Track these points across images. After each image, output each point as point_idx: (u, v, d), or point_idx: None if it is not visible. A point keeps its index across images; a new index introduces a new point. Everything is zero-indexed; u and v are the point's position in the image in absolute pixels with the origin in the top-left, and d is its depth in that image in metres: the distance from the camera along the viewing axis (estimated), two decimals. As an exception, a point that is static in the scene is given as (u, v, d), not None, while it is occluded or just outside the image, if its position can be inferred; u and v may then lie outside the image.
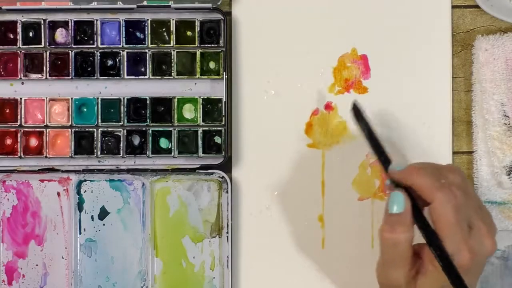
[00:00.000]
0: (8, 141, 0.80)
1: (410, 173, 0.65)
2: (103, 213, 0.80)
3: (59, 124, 0.80)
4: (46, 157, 0.80)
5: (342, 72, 0.80)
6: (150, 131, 0.79)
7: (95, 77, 0.80)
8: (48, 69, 0.79)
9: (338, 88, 0.80)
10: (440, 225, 0.64)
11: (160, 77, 0.80)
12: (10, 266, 0.80)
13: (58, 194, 0.80)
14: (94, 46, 0.80)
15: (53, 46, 0.80)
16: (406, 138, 0.79)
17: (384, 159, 0.67)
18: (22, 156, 0.79)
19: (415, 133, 0.79)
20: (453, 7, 0.80)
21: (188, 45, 0.80)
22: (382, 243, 0.66)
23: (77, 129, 0.80)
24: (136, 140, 0.80)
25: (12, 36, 0.80)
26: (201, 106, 0.79)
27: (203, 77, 0.80)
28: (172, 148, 0.79)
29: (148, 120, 0.79)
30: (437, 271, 0.64)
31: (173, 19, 0.79)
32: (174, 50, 0.80)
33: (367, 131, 0.69)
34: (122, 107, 0.79)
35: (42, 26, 0.79)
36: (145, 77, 0.80)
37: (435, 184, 0.64)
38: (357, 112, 0.70)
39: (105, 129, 0.80)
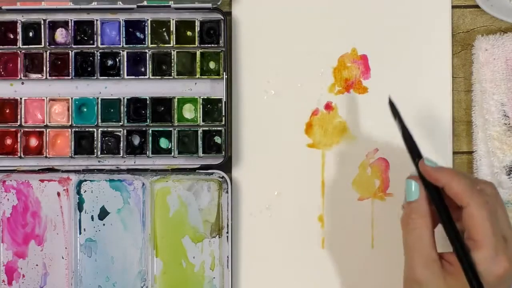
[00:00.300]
0: (8, 141, 0.80)
1: (446, 174, 0.65)
2: (103, 213, 0.80)
3: (59, 124, 0.80)
4: (46, 157, 0.80)
5: (342, 72, 0.80)
6: (150, 131, 0.79)
7: (95, 77, 0.80)
8: (48, 69, 0.79)
9: (338, 88, 0.80)
10: (474, 231, 0.63)
11: (160, 77, 0.80)
12: (10, 266, 0.80)
13: (58, 194, 0.80)
14: (94, 46, 0.80)
15: (53, 46, 0.80)
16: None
17: (416, 153, 0.68)
18: (22, 156, 0.79)
19: (415, 133, 0.79)
20: (453, 7, 0.80)
21: (188, 45, 0.80)
22: (403, 231, 0.66)
23: (77, 129, 0.80)
24: (136, 140, 0.80)
25: (12, 36, 0.80)
26: (201, 106, 0.79)
27: (203, 77, 0.80)
28: (172, 148, 0.79)
29: (148, 120, 0.79)
30: (462, 275, 0.62)
31: (173, 19, 0.79)
32: (174, 50, 0.80)
33: (401, 124, 0.69)
34: (122, 107, 0.79)
35: (42, 26, 0.79)
36: (145, 77, 0.80)
37: (471, 189, 0.64)
38: (393, 107, 0.71)
39: (105, 129, 0.80)
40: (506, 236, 0.64)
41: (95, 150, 0.79)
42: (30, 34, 0.80)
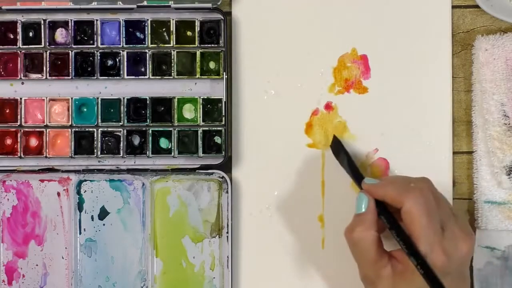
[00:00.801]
0: (8, 141, 0.80)
1: (381, 185, 0.69)
2: (103, 213, 0.80)
3: (59, 124, 0.80)
4: (46, 157, 0.80)
5: (342, 72, 0.80)
6: (150, 131, 0.79)
7: (95, 77, 0.80)
8: (48, 69, 0.80)
9: (338, 88, 0.80)
10: (413, 227, 0.66)
11: (160, 77, 0.80)
12: (10, 266, 0.80)
13: (58, 194, 0.80)
14: (94, 46, 0.80)
15: (53, 46, 0.80)
16: (406, 138, 0.79)
17: (357, 176, 0.73)
18: (22, 156, 0.79)
19: (415, 133, 0.79)
20: (453, 7, 0.80)
21: (188, 45, 0.80)
22: (349, 243, 0.70)
23: (77, 129, 0.80)
24: (136, 140, 0.80)
25: (12, 36, 0.80)
26: (201, 106, 0.79)
27: (203, 77, 0.80)
28: (172, 148, 0.79)
29: (148, 120, 0.79)
30: (412, 273, 0.65)
31: (173, 19, 0.79)
32: (174, 50, 0.80)
33: (346, 156, 0.75)
34: (122, 107, 0.79)
35: (42, 26, 0.79)
36: (145, 77, 0.80)
37: (404, 188, 0.67)
38: (336, 145, 0.77)
39: (105, 129, 0.80)
40: (445, 226, 0.67)
41: (95, 150, 0.79)
42: (30, 34, 0.80)
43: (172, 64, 0.79)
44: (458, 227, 0.68)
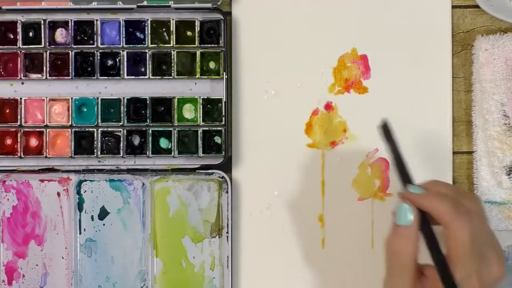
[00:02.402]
0: (8, 141, 0.80)
1: (428, 198, 0.65)
2: (103, 213, 0.80)
3: (59, 124, 0.80)
4: (46, 157, 0.80)
5: (342, 72, 0.80)
6: (150, 131, 0.79)
7: (95, 77, 0.80)
8: (48, 69, 0.79)
9: (338, 88, 0.80)
10: (454, 252, 0.64)
11: (160, 77, 0.80)
12: (10, 266, 0.80)
13: (58, 194, 0.80)
14: (94, 46, 0.80)
15: (53, 46, 0.80)
16: (406, 138, 0.79)
17: (404, 176, 0.67)
18: (22, 156, 0.79)
19: (415, 133, 0.79)
20: (453, 7, 0.80)
21: (188, 45, 0.80)
22: (387, 253, 0.66)
23: (77, 129, 0.80)
24: (136, 140, 0.80)
25: (12, 36, 0.80)
26: (201, 106, 0.79)
27: (203, 77, 0.80)
28: (172, 148, 0.79)
29: (148, 120, 0.79)
30: None
31: (173, 19, 0.79)
32: (174, 50, 0.80)
33: (392, 147, 0.69)
34: (122, 107, 0.79)
35: (42, 26, 0.79)
36: (145, 77, 0.80)
37: (454, 209, 0.64)
38: (387, 132, 0.69)
39: (105, 129, 0.80)
40: (484, 253, 0.65)
41: (95, 150, 0.79)
42: (30, 34, 0.80)
43: (172, 64, 0.79)
44: (494, 251, 0.65)
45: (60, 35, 0.80)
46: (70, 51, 0.80)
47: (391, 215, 0.65)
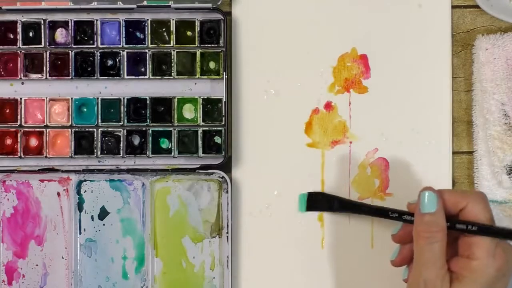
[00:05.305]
0: (8, 141, 0.80)
1: (439, 190, 0.67)
2: (103, 213, 0.80)
3: (59, 124, 0.80)
4: (46, 157, 0.80)
5: (342, 72, 0.80)
6: (150, 131, 0.79)
7: (95, 77, 0.80)
8: (48, 69, 0.80)
9: (338, 87, 0.80)
10: (474, 276, 0.65)
11: (160, 77, 0.80)
12: (10, 266, 0.80)
13: (58, 194, 0.80)
14: (94, 46, 0.80)
15: (53, 46, 0.80)
16: (406, 138, 0.79)
17: (384, 212, 0.73)
18: (22, 156, 0.79)
19: (415, 133, 0.79)
20: (453, 7, 0.80)
21: (188, 45, 0.80)
22: (419, 244, 0.66)
23: (77, 129, 0.80)
24: (136, 140, 0.80)
25: (12, 36, 0.80)
26: (201, 106, 0.79)
27: (203, 77, 0.80)
28: (172, 148, 0.79)
29: (148, 120, 0.79)
30: (471, 278, 0.64)
31: (173, 19, 0.79)
32: (174, 50, 0.80)
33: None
34: (122, 107, 0.79)
35: (42, 26, 0.79)
36: (145, 77, 0.80)
37: (464, 192, 0.69)
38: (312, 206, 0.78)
39: (105, 129, 0.80)
40: None
41: (95, 150, 0.79)
42: (30, 34, 0.80)
43: (172, 64, 0.80)
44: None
45: (60, 35, 0.80)
46: (70, 51, 0.80)
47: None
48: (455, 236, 0.67)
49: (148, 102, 0.79)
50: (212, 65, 0.80)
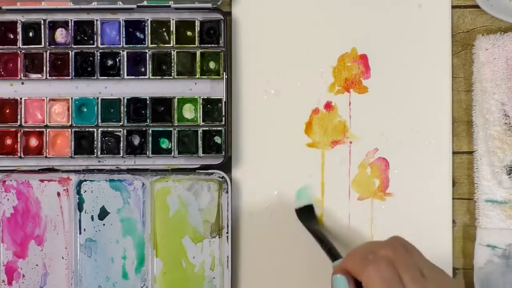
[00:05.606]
0: (8, 141, 0.80)
1: (344, 261, 0.66)
2: (103, 213, 0.80)
3: (59, 124, 0.80)
4: (46, 157, 0.80)
5: (342, 72, 0.80)
6: (150, 131, 0.79)
7: (95, 77, 0.80)
8: (48, 69, 0.80)
9: (338, 87, 0.80)
10: None
11: (160, 77, 0.80)
12: (10, 266, 0.80)
13: (58, 194, 0.80)
14: (94, 46, 0.80)
15: (53, 46, 0.80)
16: (406, 138, 0.79)
17: (332, 255, 0.73)
18: (22, 156, 0.79)
19: (415, 133, 0.79)
20: (453, 7, 0.80)
21: (188, 45, 0.80)
22: None
23: (77, 129, 0.80)
24: (136, 140, 0.80)
25: (12, 36, 0.80)
26: (201, 106, 0.79)
27: (203, 77, 0.80)
28: (172, 148, 0.79)
29: (148, 120, 0.79)
30: None
31: (173, 19, 0.80)
32: (174, 50, 0.80)
33: (313, 231, 0.76)
34: (122, 107, 0.79)
35: (42, 26, 0.80)
36: (145, 77, 0.80)
37: (361, 262, 0.64)
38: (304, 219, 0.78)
39: (105, 129, 0.80)
40: (423, 271, 0.64)
41: (95, 150, 0.79)
42: (30, 34, 0.80)
43: (172, 64, 0.80)
44: (436, 270, 0.66)
45: (60, 35, 0.80)
46: (70, 51, 0.80)
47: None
48: None
49: (148, 102, 0.79)
50: (212, 65, 0.80)
